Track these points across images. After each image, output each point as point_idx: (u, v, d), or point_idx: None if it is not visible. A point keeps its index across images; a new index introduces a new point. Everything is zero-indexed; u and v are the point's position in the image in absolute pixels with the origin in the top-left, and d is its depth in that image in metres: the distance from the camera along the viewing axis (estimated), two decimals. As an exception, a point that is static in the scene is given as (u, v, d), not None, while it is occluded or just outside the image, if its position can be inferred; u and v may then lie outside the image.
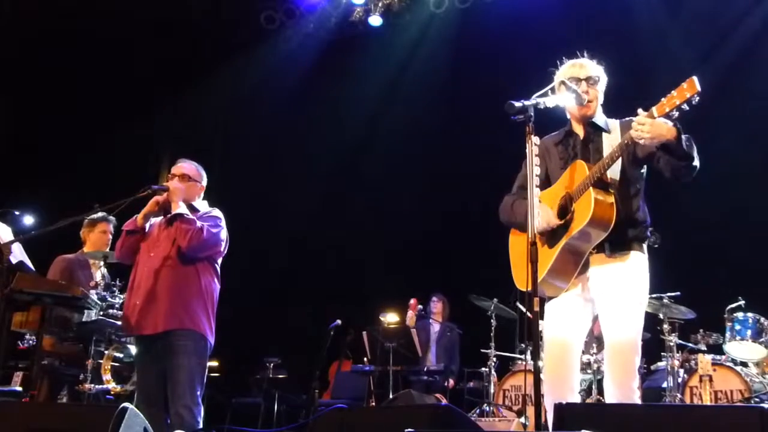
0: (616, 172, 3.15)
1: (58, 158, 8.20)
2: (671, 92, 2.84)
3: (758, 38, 7.13)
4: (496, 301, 6.65)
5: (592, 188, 3.06)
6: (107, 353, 4.76)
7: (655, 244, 3.29)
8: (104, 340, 4.77)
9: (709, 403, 4.86)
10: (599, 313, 3.19)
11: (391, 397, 6.24)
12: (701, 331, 5.78)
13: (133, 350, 4.62)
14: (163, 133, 8.83)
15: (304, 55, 8.88)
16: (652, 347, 5.56)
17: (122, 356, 4.80)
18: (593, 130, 3.30)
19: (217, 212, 4.23)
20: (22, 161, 8.13)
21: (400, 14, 8.65)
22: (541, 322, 3.40)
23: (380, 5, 8.60)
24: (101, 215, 5.19)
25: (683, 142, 2.91)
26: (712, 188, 5.76)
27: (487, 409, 6.27)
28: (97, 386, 4.61)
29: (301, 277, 8.99)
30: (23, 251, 4.25)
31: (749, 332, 5.49)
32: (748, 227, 6.65)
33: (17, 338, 4.76)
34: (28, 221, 6.04)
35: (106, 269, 4.97)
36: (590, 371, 5.78)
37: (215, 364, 7.20)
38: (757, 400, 5.13)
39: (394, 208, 8.69)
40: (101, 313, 4.76)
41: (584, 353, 5.63)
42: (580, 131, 3.34)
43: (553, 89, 3.15)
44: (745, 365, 5.57)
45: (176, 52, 8.58)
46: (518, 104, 2.89)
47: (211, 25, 8.77)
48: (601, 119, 3.31)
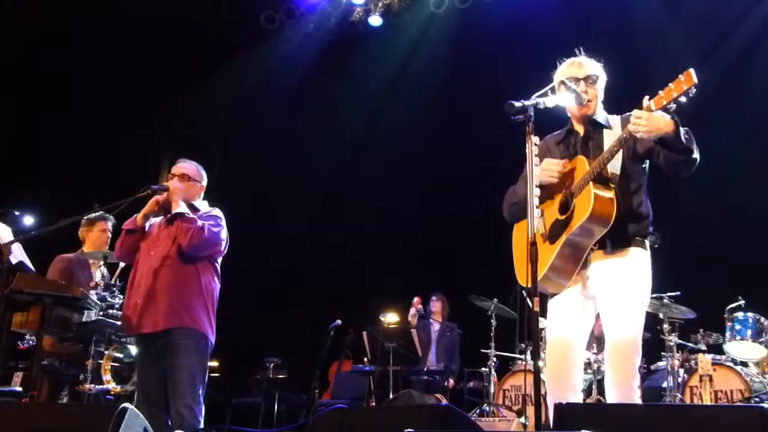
0: (616, 167, 3.13)
1: (58, 158, 8.20)
2: (668, 85, 2.82)
3: (758, 38, 7.13)
4: (496, 301, 6.65)
5: (592, 183, 3.04)
6: (107, 353, 4.75)
7: (654, 244, 3.27)
8: (104, 340, 4.76)
9: (709, 403, 4.85)
10: (600, 310, 3.18)
11: (391, 397, 6.24)
12: (701, 331, 5.78)
13: (133, 350, 4.62)
14: (163, 133, 8.83)
15: (304, 55, 8.89)
16: (652, 347, 5.55)
17: (122, 356, 4.79)
18: (594, 127, 3.29)
19: (217, 212, 4.23)
20: (22, 161, 8.13)
21: (400, 14, 8.65)
22: (542, 319, 3.41)
23: (380, 5, 8.60)
24: (100, 214, 5.19)
25: (682, 135, 2.88)
26: (712, 187, 5.77)
27: (487, 409, 6.27)
28: (97, 386, 4.60)
29: (301, 277, 9.00)
30: (23, 251, 4.26)
31: (749, 332, 5.49)
32: (748, 227, 6.65)
33: (17, 338, 4.76)
34: (28, 221, 6.03)
35: (105, 269, 4.97)
36: (590, 371, 5.77)
37: (215, 364, 7.22)
38: (757, 399, 5.13)
39: (394, 208, 8.69)
40: (101, 313, 4.75)
41: (584, 352, 5.63)
42: (580, 129, 3.34)
43: (552, 89, 3.15)
44: (745, 365, 5.57)
45: (176, 52, 8.58)
46: (518, 104, 2.89)
47: (211, 25, 8.77)
48: (601, 116, 3.29)
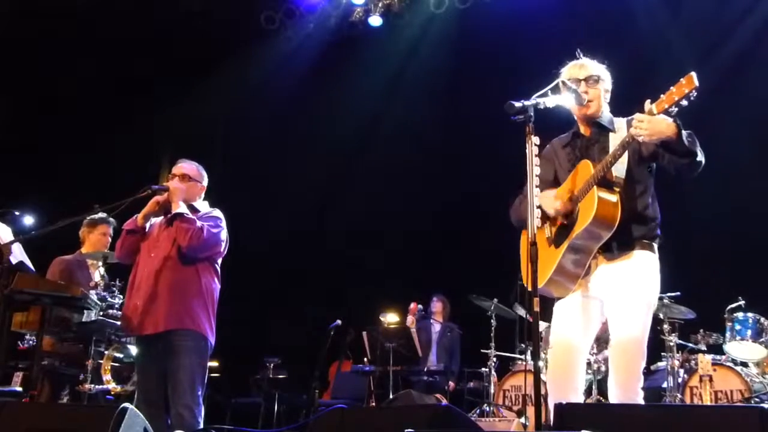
0: (621, 171, 3.12)
1: (58, 158, 8.20)
2: (670, 88, 2.81)
3: (759, 38, 7.12)
4: (496, 301, 6.65)
5: (596, 187, 3.04)
6: (107, 353, 4.76)
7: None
8: (104, 340, 4.76)
9: (709, 403, 4.85)
10: (607, 313, 3.16)
11: (391, 397, 6.24)
12: (701, 331, 5.78)
13: (133, 350, 4.62)
14: (163, 133, 8.82)
15: (303, 55, 8.87)
16: (652, 347, 5.53)
17: (122, 356, 4.79)
18: (599, 130, 3.29)
19: (217, 212, 4.23)
20: (22, 161, 8.12)
21: (400, 14, 8.64)
22: (542, 322, 3.41)
23: (380, 5, 8.59)
24: (102, 217, 5.18)
25: (684, 138, 2.87)
26: (712, 188, 5.75)
27: (487, 409, 6.27)
28: (97, 386, 4.61)
29: (301, 277, 8.99)
30: (23, 251, 4.25)
31: (749, 332, 5.49)
32: (748, 227, 6.64)
33: (17, 338, 4.77)
34: (28, 221, 6.02)
35: (104, 270, 4.96)
36: (590, 371, 5.77)
37: (215, 364, 7.20)
38: (757, 400, 5.13)
39: (394, 208, 8.69)
40: (101, 313, 4.75)
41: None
42: (586, 132, 3.33)
43: (553, 89, 3.15)
44: (745, 365, 5.57)
45: (176, 52, 8.58)
46: (518, 104, 2.89)
47: (211, 25, 8.76)
48: (606, 118, 3.28)
